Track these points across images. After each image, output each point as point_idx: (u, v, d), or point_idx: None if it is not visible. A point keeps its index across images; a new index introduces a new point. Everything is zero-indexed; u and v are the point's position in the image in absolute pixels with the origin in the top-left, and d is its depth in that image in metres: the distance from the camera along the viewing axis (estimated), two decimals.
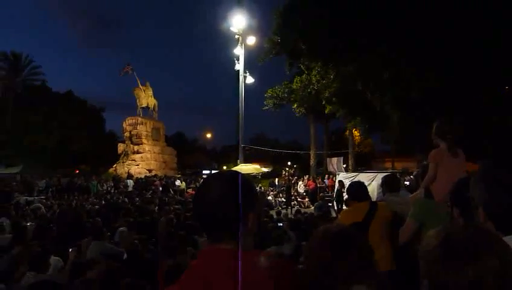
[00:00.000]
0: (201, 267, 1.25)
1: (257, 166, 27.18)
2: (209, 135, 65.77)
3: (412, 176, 12.39)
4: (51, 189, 21.14)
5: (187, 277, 1.26)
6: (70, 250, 4.62)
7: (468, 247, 0.95)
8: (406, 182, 13.94)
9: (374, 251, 1.49)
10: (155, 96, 34.92)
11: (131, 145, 31.14)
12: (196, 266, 1.28)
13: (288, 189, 22.21)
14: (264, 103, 32.11)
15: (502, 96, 12.32)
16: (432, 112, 10.75)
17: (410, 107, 14.19)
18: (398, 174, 15.17)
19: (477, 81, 11.85)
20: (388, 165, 40.84)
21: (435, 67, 12.33)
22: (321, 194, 22.60)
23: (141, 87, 32.93)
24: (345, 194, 17.92)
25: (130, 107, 34.22)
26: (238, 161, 23.02)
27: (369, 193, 4.17)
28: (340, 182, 16.23)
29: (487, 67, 11.46)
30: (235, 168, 17.81)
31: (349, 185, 4.28)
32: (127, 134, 31.78)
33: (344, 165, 27.17)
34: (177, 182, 25.34)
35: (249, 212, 1.30)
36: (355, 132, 36.23)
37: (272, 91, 31.68)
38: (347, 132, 36.19)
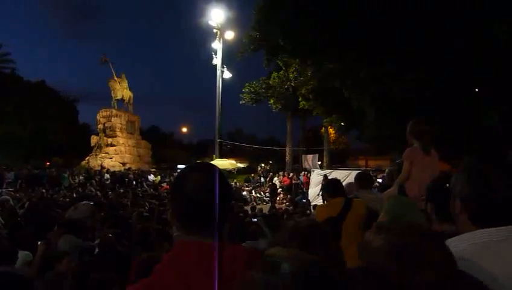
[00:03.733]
0: (175, 260, 1.23)
1: (233, 161, 27.21)
2: (185, 129, 65.43)
3: (384, 174, 12.57)
4: (20, 181, 20.56)
5: (161, 269, 1.24)
6: (39, 243, 4.51)
7: (413, 254, 0.97)
8: (378, 180, 14.14)
9: (342, 247, 1.50)
10: (130, 88, 34.44)
11: (105, 138, 30.64)
12: (170, 259, 1.26)
13: (272, 188, 22.15)
14: (241, 96, 32.11)
15: (478, 96, 12.61)
16: (410, 112, 10.92)
17: (387, 107, 14.39)
18: (371, 172, 15.41)
19: (455, 81, 12.10)
20: (362, 162, 41.49)
21: (414, 67, 12.52)
22: (279, 189, 22.77)
23: (116, 79, 32.41)
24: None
25: (105, 99, 33.66)
26: (214, 155, 22.97)
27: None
28: (325, 176, 16.45)
29: (465, 68, 11.70)
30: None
31: (326, 181, 4.36)
32: (100, 126, 31.24)
33: (319, 162, 27.48)
34: (151, 177, 25.09)
35: (227, 205, 1.29)
36: (331, 129, 36.61)
37: (249, 86, 31.70)
38: (323, 129, 36.54)
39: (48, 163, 35.53)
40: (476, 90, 13.22)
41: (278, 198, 22.42)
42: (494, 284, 1.16)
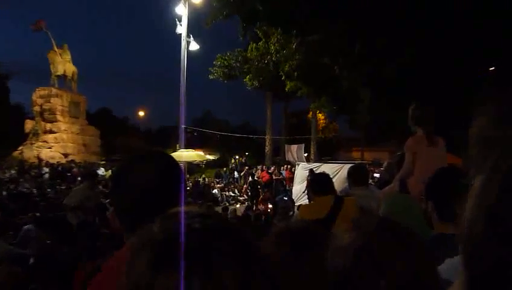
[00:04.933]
0: (117, 270, 1.19)
1: (201, 153, 27.13)
2: (142, 113, 64.73)
3: (383, 168, 12.77)
4: None
5: (99, 282, 1.23)
6: None
7: (380, 255, 1.00)
8: (375, 174, 14.35)
9: None
10: (75, 62, 33.79)
11: (43, 123, 30.10)
12: (110, 269, 1.23)
13: (253, 185, 22.07)
14: (211, 70, 31.90)
15: (483, 79, 12.84)
16: (407, 95, 11.08)
17: (383, 87, 14.56)
18: (367, 165, 15.62)
19: (457, 61, 12.29)
20: (356, 155, 41.97)
21: (411, 41, 12.66)
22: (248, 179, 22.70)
23: (57, 50, 31.71)
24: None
25: (42, 76, 32.95)
26: (178, 145, 22.82)
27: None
28: (311, 171, 16.59)
29: (469, 46, 11.90)
30: (173, 155, 17.59)
31: (312, 177, 4.39)
32: (37, 108, 30.65)
33: (305, 154, 27.66)
34: (101, 171, 24.79)
35: (180, 202, 1.26)
36: (320, 114, 36.84)
37: (221, 59, 31.54)
38: (310, 114, 36.72)
39: None
40: (491, 69, 13.49)
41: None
42: None
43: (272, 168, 26.34)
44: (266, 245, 1.47)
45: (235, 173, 28.68)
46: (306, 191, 17.48)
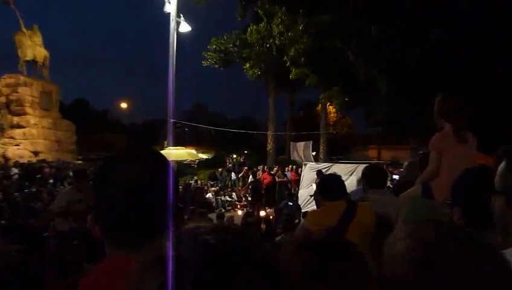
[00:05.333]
0: (98, 287, 1.18)
1: (193, 151, 27.13)
2: (125, 105, 64.77)
3: (403, 169, 12.76)
4: None
5: None
6: None
7: (449, 270, 0.96)
8: (394, 176, 14.34)
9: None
10: (46, 46, 33.77)
11: (9, 116, 30.16)
12: (90, 286, 1.21)
13: (255, 187, 22.04)
14: (205, 55, 31.91)
15: None
16: (432, 84, 11.05)
17: (404, 76, 14.51)
18: (385, 165, 15.62)
19: (495, 43, 12.23)
20: (373, 153, 42.00)
21: (437, 22, 12.62)
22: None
23: (25, 31, 31.72)
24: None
25: (9, 61, 32.92)
26: (166, 142, 22.86)
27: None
28: (319, 172, 16.62)
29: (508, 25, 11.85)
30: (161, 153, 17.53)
31: (321, 179, 4.35)
32: (2, 99, 30.68)
33: (313, 153, 27.66)
34: None
35: (172, 207, 1.24)
36: (331, 107, 36.83)
37: (217, 42, 31.55)
38: (319, 107, 36.74)
39: None
40: None
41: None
42: None
43: (275, 168, 26.29)
44: (285, 258, 1.45)
45: (232, 174, 28.66)
46: (314, 196, 17.52)
